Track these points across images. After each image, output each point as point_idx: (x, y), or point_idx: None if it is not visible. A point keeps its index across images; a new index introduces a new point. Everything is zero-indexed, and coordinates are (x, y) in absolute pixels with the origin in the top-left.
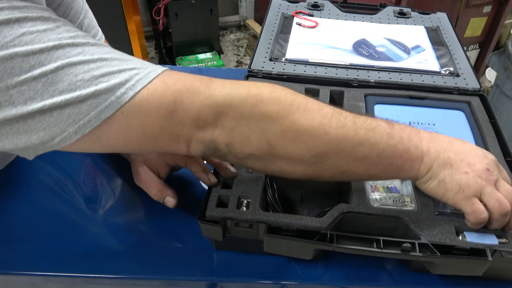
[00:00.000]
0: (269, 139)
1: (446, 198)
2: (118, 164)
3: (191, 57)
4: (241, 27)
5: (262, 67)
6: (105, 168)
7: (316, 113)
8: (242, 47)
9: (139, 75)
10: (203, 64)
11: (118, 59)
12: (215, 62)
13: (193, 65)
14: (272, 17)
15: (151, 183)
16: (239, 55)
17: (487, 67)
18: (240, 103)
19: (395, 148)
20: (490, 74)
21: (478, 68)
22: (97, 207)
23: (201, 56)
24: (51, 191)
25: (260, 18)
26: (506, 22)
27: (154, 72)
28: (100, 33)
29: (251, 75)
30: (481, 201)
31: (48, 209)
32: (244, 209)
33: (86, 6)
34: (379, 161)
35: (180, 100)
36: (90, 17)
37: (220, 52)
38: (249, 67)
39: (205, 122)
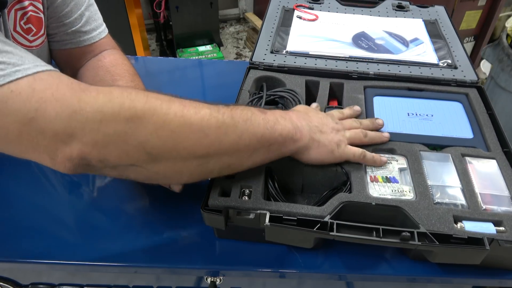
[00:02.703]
0: (149, 151)
1: (334, 158)
2: None
3: (192, 49)
4: (241, 20)
5: (264, 59)
6: None
7: (194, 118)
8: (241, 39)
9: (4, 71)
10: (203, 56)
11: None
12: (215, 54)
13: (194, 57)
14: (273, 10)
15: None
16: (239, 47)
17: (482, 59)
18: (112, 119)
19: (273, 130)
20: (485, 66)
21: (473, 61)
22: (100, 196)
23: (201, 48)
24: (54, 180)
25: (259, 11)
26: (500, 15)
27: (23, 72)
28: (103, 27)
29: (253, 67)
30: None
31: (51, 198)
32: (246, 198)
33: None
34: (261, 145)
35: (44, 109)
36: (92, 10)
37: (220, 44)
38: (251, 59)
39: (71, 137)
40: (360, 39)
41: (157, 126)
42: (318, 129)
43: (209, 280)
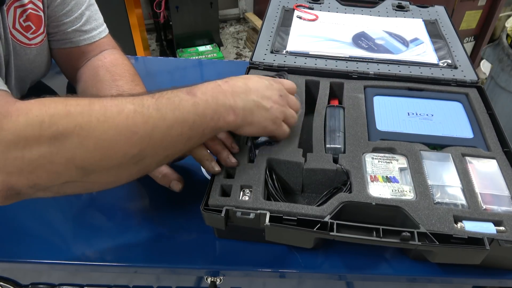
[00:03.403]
0: (79, 165)
1: (266, 133)
2: None
3: (192, 49)
4: (241, 20)
5: (264, 59)
6: None
7: (118, 119)
8: (241, 39)
9: None
10: (203, 56)
11: None
12: (215, 54)
13: (194, 57)
14: (273, 10)
15: (157, 168)
16: (239, 47)
17: (482, 59)
18: (35, 142)
19: (204, 114)
20: (485, 66)
21: (473, 60)
22: (100, 195)
23: (201, 48)
24: None
25: (259, 11)
26: (500, 15)
27: None
28: (104, 27)
29: (253, 67)
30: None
31: (51, 197)
32: (246, 198)
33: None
34: (194, 132)
35: None
36: (93, 10)
37: (220, 44)
38: (251, 59)
39: None
40: (360, 39)
41: (81, 138)
42: (255, 104)
43: (209, 280)
